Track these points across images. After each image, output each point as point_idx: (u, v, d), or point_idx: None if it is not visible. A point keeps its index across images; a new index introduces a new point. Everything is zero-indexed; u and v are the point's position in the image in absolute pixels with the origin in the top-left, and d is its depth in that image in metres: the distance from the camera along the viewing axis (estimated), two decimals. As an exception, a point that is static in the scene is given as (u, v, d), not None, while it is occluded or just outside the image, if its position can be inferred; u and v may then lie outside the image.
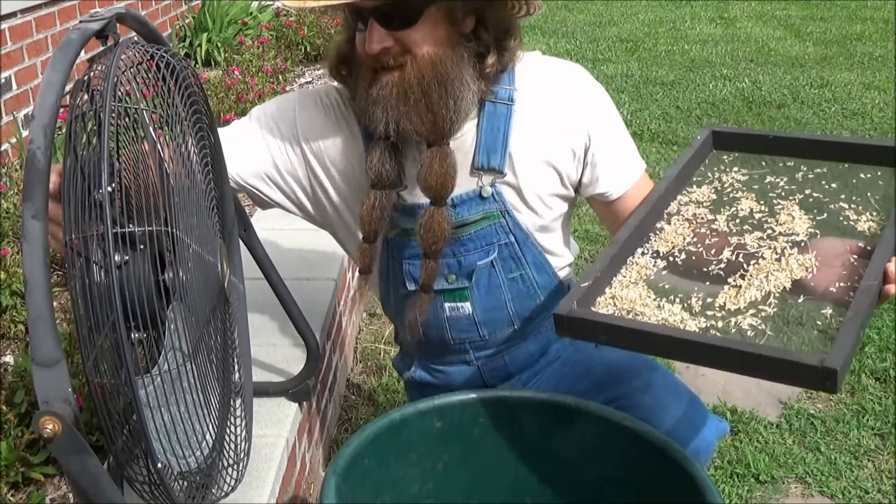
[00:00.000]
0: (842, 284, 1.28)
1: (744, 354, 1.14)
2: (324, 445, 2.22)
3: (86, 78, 1.14)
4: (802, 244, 1.34)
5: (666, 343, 1.19)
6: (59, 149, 2.57)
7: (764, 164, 1.56)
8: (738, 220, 1.43)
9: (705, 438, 1.59)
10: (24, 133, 3.28)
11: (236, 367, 1.54)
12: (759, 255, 1.34)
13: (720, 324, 1.24)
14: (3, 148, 3.22)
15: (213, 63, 4.76)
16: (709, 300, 1.28)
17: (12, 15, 3.29)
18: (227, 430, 1.42)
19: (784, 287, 1.29)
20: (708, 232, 1.41)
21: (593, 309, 1.29)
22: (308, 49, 5.05)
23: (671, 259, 1.38)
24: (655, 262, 1.38)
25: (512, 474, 1.52)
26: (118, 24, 1.21)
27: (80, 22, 1.17)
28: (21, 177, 2.32)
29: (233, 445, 1.43)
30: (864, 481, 2.24)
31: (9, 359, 2.09)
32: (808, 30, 7.28)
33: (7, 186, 2.75)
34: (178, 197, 1.20)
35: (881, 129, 4.85)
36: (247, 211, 1.89)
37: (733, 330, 1.22)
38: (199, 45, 4.78)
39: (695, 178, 1.55)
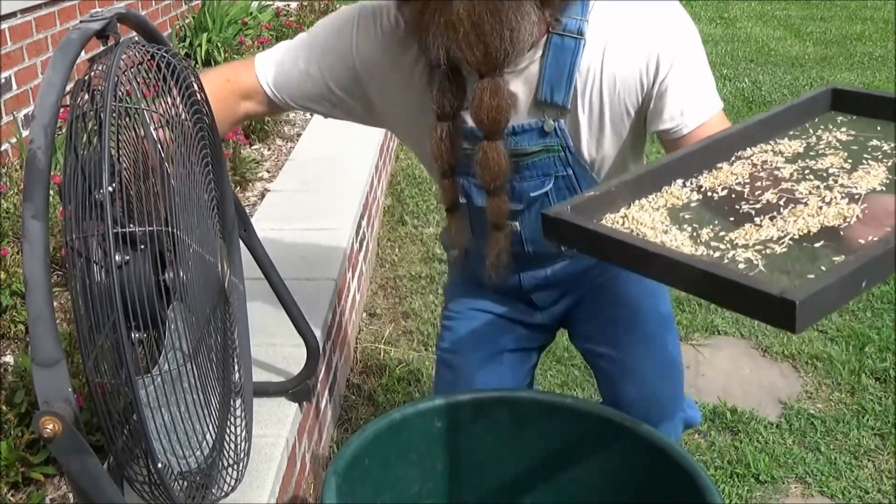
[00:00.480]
0: (875, 240, 1.12)
1: (704, 274, 1.07)
2: (324, 445, 2.22)
3: (86, 78, 1.14)
4: (857, 196, 1.20)
5: (635, 255, 1.14)
6: (60, 149, 2.57)
7: (879, 128, 1.39)
8: (807, 171, 1.28)
9: (676, 425, 1.64)
10: (25, 133, 3.28)
11: (236, 367, 1.54)
12: (804, 201, 1.21)
13: (716, 254, 1.14)
14: (3, 148, 3.22)
15: (213, 63, 4.76)
16: (722, 234, 1.18)
17: (12, 15, 3.29)
18: (227, 430, 1.42)
19: (809, 231, 1.16)
20: (765, 175, 1.28)
21: (602, 219, 1.22)
22: (308, 49, 5.05)
23: (709, 194, 1.27)
24: (691, 194, 1.27)
25: (512, 474, 1.52)
26: (118, 24, 1.21)
27: (81, 22, 1.17)
28: (21, 177, 2.32)
29: (233, 445, 1.43)
30: (864, 481, 2.24)
31: (9, 359, 2.09)
32: (808, 30, 7.28)
33: (7, 186, 2.75)
34: (179, 197, 1.21)
35: (881, 129, 4.85)
36: (247, 211, 1.89)
37: (725, 261, 1.13)
38: (199, 45, 4.78)
39: (791, 132, 1.40)
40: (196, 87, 1.37)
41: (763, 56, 6.45)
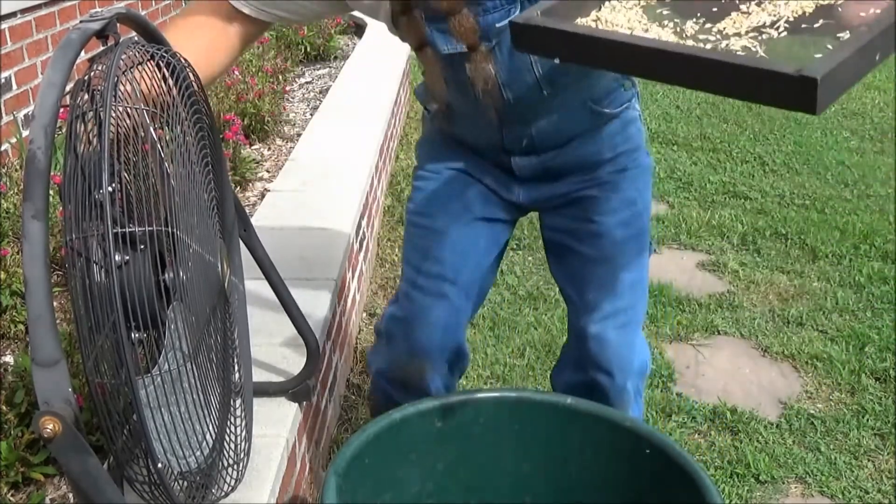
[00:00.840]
0: (878, 12, 1.02)
1: (709, 63, 0.97)
2: (324, 445, 2.22)
3: (86, 78, 1.14)
4: None
5: (624, 51, 1.03)
6: (59, 149, 2.57)
7: None
8: None
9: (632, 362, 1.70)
10: (25, 133, 3.28)
11: (236, 367, 1.54)
12: None
13: (708, 46, 1.04)
14: (3, 148, 3.22)
15: (213, 63, 4.77)
16: (707, 25, 1.08)
17: (12, 15, 3.29)
18: (227, 430, 1.42)
19: (804, 12, 1.07)
20: None
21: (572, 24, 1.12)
22: (308, 49, 5.05)
23: None
24: None
25: (512, 474, 1.52)
26: (118, 24, 1.21)
27: (81, 22, 1.17)
28: (21, 177, 2.31)
29: (233, 445, 1.43)
30: (864, 481, 2.24)
31: (9, 359, 2.09)
32: (808, 30, 7.27)
33: (7, 186, 2.75)
34: (179, 197, 1.21)
35: (881, 128, 4.85)
36: (247, 211, 1.89)
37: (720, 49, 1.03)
38: (199, 45, 4.78)
39: None
40: (196, 87, 1.37)
41: (763, 56, 6.44)
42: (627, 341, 1.71)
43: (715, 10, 1.11)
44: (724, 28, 1.08)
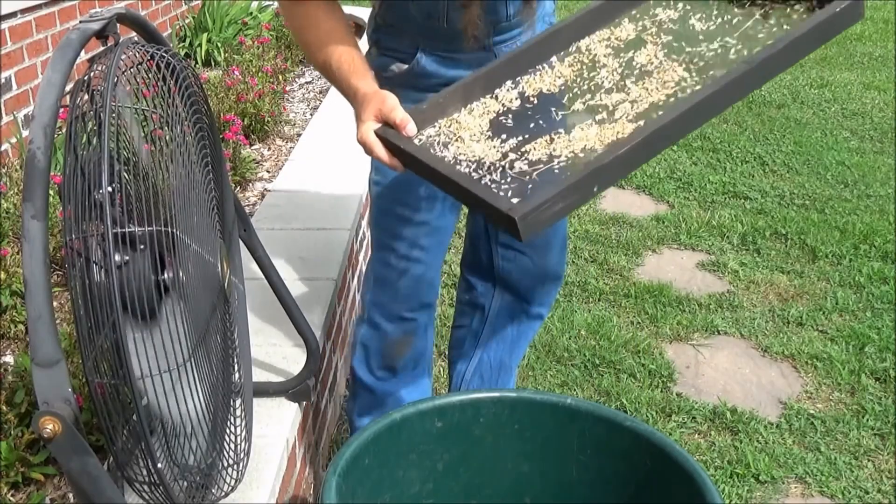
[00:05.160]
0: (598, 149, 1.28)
1: (460, 187, 1.25)
2: (324, 445, 2.22)
3: (86, 78, 1.15)
4: (640, 113, 1.34)
5: (423, 167, 1.33)
6: (59, 149, 2.57)
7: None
8: (626, 69, 1.41)
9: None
10: (24, 133, 3.28)
11: (236, 367, 1.54)
12: (610, 108, 1.35)
13: (504, 161, 1.32)
14: (3, 148, 3.22)
15: (213, 63, 4.76)
16: (523, 146, 1.34)
17: (12, 15, 3.29)
18: (227, 430, 1.42)
19: (593, 147, 1.29)
20: (580, 81, 1.42)
21: (432, 126, 1.41)
22: (308, 49, 5.05)
23: (529, 99, 1.42)
24: (513, 100, 1.42)
25: (512, 474, 1.52)
26: (118, 24, 1.21)
27: (80, 22, 1.17)
28: (21, 177, 2.31)
29: (233, 445, 1.43)
30: (864, 481, 2.24)
31: (9, 359, 2.09)
32: (808, 30, 7.27)
33: (7, 186, 2.75)
34: (179, 197, 1.21)
35: (881, 129, 4.85)
36: (247, 211, 1.89)
37: (513, 169, 1.30)
38: (199, 45, 4.78)
39: (634, 12, 1.52)
40: (196, 86, 1.37)
41: (763, 56, 6.44)
42: None
43: (533, 126, 1.39)
44: (529, 150, 1.34)
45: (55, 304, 2.25)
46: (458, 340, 2.13)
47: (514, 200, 1.20)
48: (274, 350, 2.03)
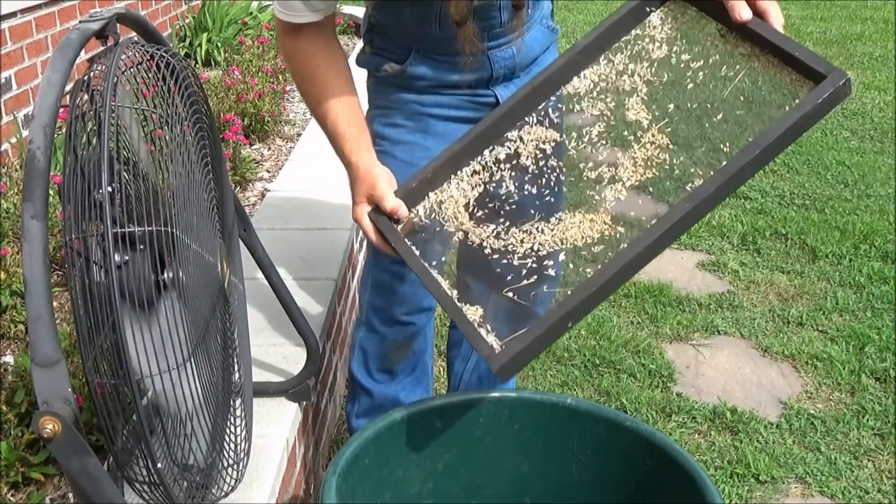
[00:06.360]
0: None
1: (443, 304, 1.37)
2: (324, 445, 2.22)
3: (86, 78, 1.14)
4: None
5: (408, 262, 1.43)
6: (59, 149, 2.57)
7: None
8: (587, 142, 1.51)
9: None
10: (24, 133, 3.28)
11: (236, 367, 1.54)
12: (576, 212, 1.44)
13: (487, 249, 1.43)
14: (3, 148, 3.22)
15: (213, 63, 4.76)
16: (513, 230, 1.43)
17: (12, 15, 3.29)
18: (227, 430, 1.42)
19: (567, 239, 1.42)
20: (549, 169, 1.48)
21: (423, 202, 1.47)
22: (308, 49, 5.05)
23: (519, 165, 1.47)
24: (496, 169, 1.47)
25: (512, 474, 1.52)
26: (118, 24, 1.21)
27: (80, 22, 1.17)
28: (21, 177, 2.31)
29: (233, 445, 1.43)
30: (864, 481, 2.24)
31: (9, 359, 2.09)
32: (808, 30, 7.27)
33: (7, 186, 2.75)
34: (179, 197, 1.21)
35: (881, 129, 4.85)
36: (247, 211, 1.89)
37: (506, 261, 1.40)
38: (199, 45, 4.78)
39: (617, 44, 1.56)
40: (196, 86, 1.37)
41: (763, 56, 6.44)
42: None
43: (512, 220, 1.46)
44: (509, 241, 1.42)
45: (55, 304, 2.25)
46: (457, 341, 2.13)
47: (494, 344, 1.29)
48: (274, 350, 2.03)
